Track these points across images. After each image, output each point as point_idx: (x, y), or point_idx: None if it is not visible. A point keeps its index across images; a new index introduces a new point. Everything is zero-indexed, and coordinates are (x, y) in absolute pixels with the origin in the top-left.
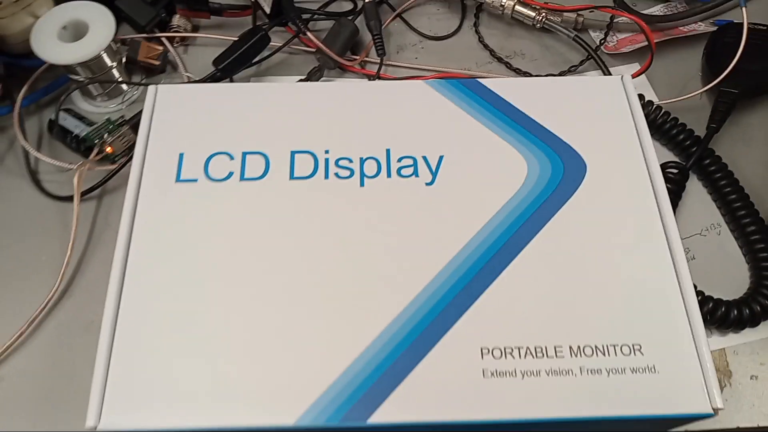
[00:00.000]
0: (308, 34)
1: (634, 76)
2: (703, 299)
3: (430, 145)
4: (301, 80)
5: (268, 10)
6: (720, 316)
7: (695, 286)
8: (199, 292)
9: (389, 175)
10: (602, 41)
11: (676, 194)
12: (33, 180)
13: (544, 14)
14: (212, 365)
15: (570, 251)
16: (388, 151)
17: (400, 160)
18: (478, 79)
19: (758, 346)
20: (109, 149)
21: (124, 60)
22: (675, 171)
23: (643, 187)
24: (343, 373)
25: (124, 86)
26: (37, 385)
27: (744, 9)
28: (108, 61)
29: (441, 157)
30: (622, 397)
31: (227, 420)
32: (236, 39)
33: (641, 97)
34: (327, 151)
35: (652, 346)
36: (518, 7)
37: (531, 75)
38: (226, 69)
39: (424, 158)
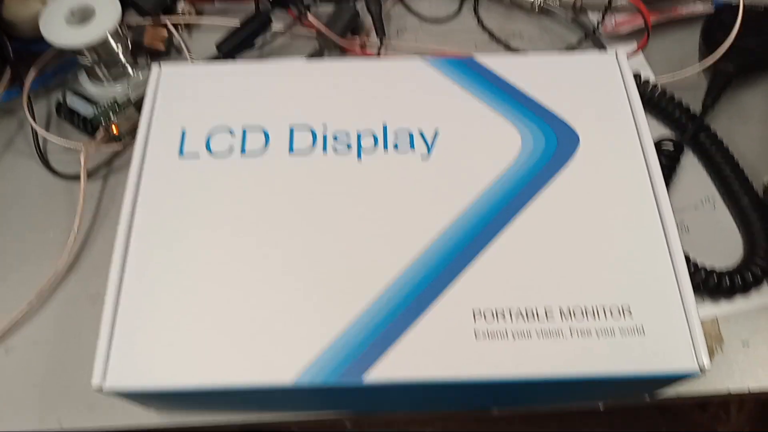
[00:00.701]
0: (309, 17)
1: (630, 56)
2: (696, 269)
3: (426, 119)
4: None
5: None
6: (712, 284)
7: (688, 257)
8: (202, 257)
9: (386, 148)
10: (600, 22)
11: (670, 168)
12: (42, 160)
13: None
14: (214, 327)
15: (562, 219)
16: (385, 126)
17: (396, 134)
18: (474, 57)
19: (751, 314)
20: (114, 129)
21: (129, 44)
22: (670, 146)
23: (635, 158)
24: (340, 334)
25: (130, 70)
26: (45, 354)
27: None
28: (114, 45)
29: (437, 132)
30: (610, 356)
31: (228, 379)
32: (239, 23)
33: (637, 76)
34: (325, 127)
35: (641, 308)
36: None
37: None
38: (228, 52)
39: (421, 132)
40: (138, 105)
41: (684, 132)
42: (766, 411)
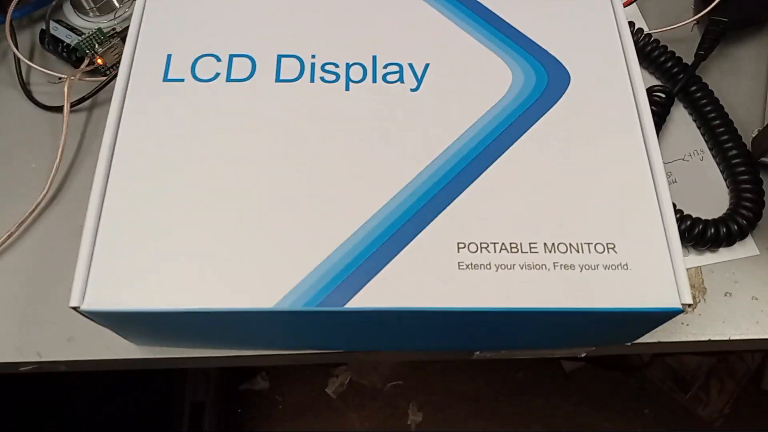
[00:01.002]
0: None
1: (625, 5)
2: (682, 217)
3: (416, 52)
4: None
5: None
6: (697, 233)
7: (674, 205)
8: (183, 180)
9: (374, 80)
10: None
11: (660, 117)
12: (24, 91)
13: None
14: (195, 251)
15: (550, 156)
16: (374, 57)
17: (386, 66)
18: None
19: (734, 265)
20: (99, 60)
21: None
22: (661, 95)
23: (626, 98)
24: (323, 261)
25: (116, 2)
26: (25, 285)
27: None
28: None
29: (427, 65)
30: (593, 290)
31: (208, 302)
32: None
33: (631, 24)
34: (313, 56)
35: (626, 246)
36: None
37: None
38: None
39: (410, 65)
40: (124, 37)
41: (676, 83)
42: (746, 393)
